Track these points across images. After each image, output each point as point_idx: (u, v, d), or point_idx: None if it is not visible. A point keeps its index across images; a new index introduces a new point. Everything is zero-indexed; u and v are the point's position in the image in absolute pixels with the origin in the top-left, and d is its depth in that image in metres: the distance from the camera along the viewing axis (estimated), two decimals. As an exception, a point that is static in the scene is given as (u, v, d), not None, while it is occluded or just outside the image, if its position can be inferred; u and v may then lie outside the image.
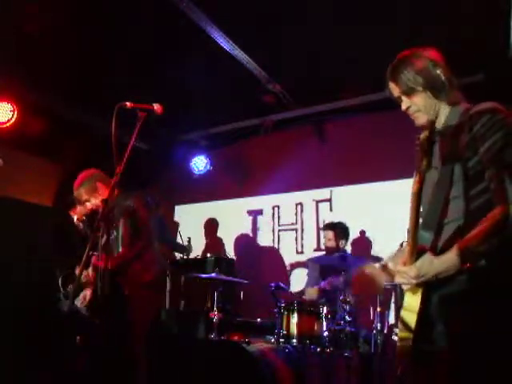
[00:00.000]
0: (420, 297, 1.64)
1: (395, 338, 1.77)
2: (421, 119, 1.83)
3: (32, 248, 4.62)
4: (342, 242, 4.47)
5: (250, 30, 3.89)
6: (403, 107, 1.85)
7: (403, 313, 1.70)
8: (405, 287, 1.70)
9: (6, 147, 4.72)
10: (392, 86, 1.87)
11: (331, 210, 5.38)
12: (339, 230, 4.48)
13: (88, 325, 3.25)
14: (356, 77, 4.44)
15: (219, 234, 6.03)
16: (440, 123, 1.84)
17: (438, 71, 1.79)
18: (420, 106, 1.81)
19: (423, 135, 1.58)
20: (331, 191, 5.40)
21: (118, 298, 3.40)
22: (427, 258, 1.60)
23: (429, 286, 1.63)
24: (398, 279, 1.69)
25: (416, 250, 1.63)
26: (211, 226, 6.10)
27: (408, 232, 2.02)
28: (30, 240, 4.60)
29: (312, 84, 4.69)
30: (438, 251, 1.66)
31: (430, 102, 1.80)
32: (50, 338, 3.40)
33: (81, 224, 3.82)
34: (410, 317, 1.66)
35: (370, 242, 5.00)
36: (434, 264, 1.58)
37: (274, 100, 4.93)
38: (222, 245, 5.97)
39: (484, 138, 1.63)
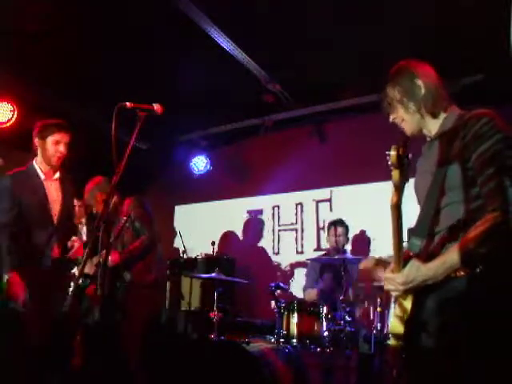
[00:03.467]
0: (411, 302, 1.65)
1: (390, 342, 1.78)
2: (406, 129, 1.89)
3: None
4: (346, 240, 4.54)
5: (250, 30, 3.89)
6: (390, 119, 1.93)
7: (395, 318, 1.71)
8: (394, 294, 1.70)
9: (6, 147, 4.72)
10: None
11: (331, 210, 5.38)
12: (347, 228, 4.55)
13: (86, 324, 3.25)
14: (356, 77, 4.44)
15: (219, 233, 6.03)
16: (431, 132, 1.86)
17: (418, 83, 1.82)
18: (403, 117, 1.87)
19: (392, 152, 1.61)
20: (331, 191, 5.40)
21: (120, 296, 3.43)
22: (414, 264, 1.61)
23: (420, 291, 1.63)
24: (386, 286, 1.71)
25: (402, 258, 1.64)
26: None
27: (394, 237, 2.04)
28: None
29: (312, 84, 4.69)
30: (430, 258, 1.65)
31: (410, 114, 1.85)
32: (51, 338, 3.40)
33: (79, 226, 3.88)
34: (401, 321, 1.67)
35: (370, 241, 5.00)
36: (421, 270, 1.59)
37: (274, 100, 4.93)
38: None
39: (482, 139, 1.63)
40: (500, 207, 1.55)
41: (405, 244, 2.24)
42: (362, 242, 5.01)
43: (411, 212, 1.95)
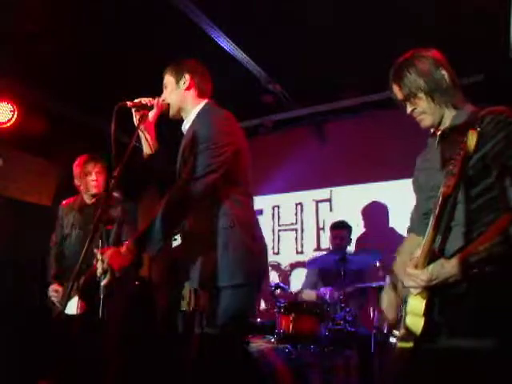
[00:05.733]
0: (426, 300, 1.61)
1: (393, 340, 1.73)
2: (426, 121, 1.80)
3: (31, 247, 4.63)
4: (349, 241, 4.56)
5: (250, 30, 3.89)
6: (408, 110, 1.81)
7: (407, 316, 1.68)
8: (414, 291, 1.65)
9: (5, 147, 4.72)
10: (396, 89, 1.83)
11: (331, 210, 5.38)
12: (349, 229, 4.56)
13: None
14: (356, 77, 4.44)
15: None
16: (445, 125, 1.80)
17: (443, 72, 1.76)
18: (425, 109, 1.77)
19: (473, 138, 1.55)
20: (331, 191, 5.40)
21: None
22: (439, 261, 1.58)
23: (435, 289, 1.61)
24: (406, 282, 1.66)
25: (430, 254, 1.60)
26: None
27: (408, 231, 2.02)
28: (30, 239, 4.61)
29: (312, 84, 4.68)
30: (445, 253, 1.64)
31: (433, 104, 1.76)
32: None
33: None
34: (415, 320, 1.64)
35: (370, 242, 5.00)
36: (445, 268, 1.56)
37: (274, 100, 4.93)
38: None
39: (486, 138, 1.61)
40: (505, 211, 1.57)
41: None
42: (362, 242, 5.01)
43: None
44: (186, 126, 2.35)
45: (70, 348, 3.11)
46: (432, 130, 1.87)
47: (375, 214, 4.99)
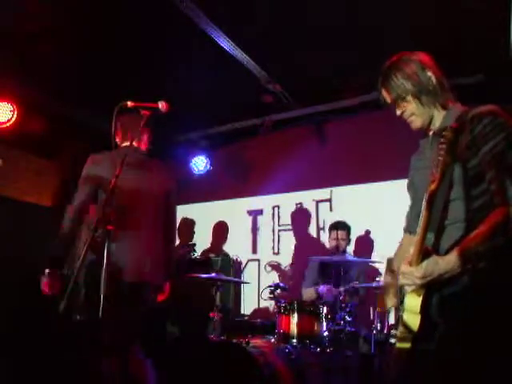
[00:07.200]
0: (422, 298, 1.62)
1: (393, 340, 1.74)
2: (416, 123, 1.84)
3: (30, 247, 4.62)
4: (347, 242, 4.55)
5: (250, 30, 3.89)
6: (397, 113, 1.86)
7: (404, 314, 1.69)
8: (408, 288, 1.65)
9: (5, 147, 4.72)
10: (384, 93, 1.88)
11: (331, 210, 5.37)
12: (348, 229, 4.55)
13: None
14: (356, 77, 4.44)
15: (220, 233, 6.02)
16: (435, 125, 1.83)
17: (429, 74, 1.79)
18: (413, 111, 1.81)
19: (447, 133, 1.55)
20: (331, 191, 5.40)
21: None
22: (433, 258, 1.58)
23: (430, 287, 1.61)
24: (401, 280, 1.66)
25: (423, 251, 1.60)
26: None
27: (404, 231, 2.03)
28: (29, 239, 4.61)
29: (312, 84, 4.69)
30: (439, 252, 1.64)
31: (422, 106, 1.80)
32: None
33: None
34: (412, 318, 1.64)
35: (370, 242, 5.00)
36: (439, 264, 1.56)
37: (273, 100, 4.93)
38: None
39: (485, 139, 1.62)
40: (502, 206, 1.57)
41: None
42: (362, 242, 5.01)
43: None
44: None
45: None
46: (423, 132, 1.89)
47: (375, 214, 4.99)
